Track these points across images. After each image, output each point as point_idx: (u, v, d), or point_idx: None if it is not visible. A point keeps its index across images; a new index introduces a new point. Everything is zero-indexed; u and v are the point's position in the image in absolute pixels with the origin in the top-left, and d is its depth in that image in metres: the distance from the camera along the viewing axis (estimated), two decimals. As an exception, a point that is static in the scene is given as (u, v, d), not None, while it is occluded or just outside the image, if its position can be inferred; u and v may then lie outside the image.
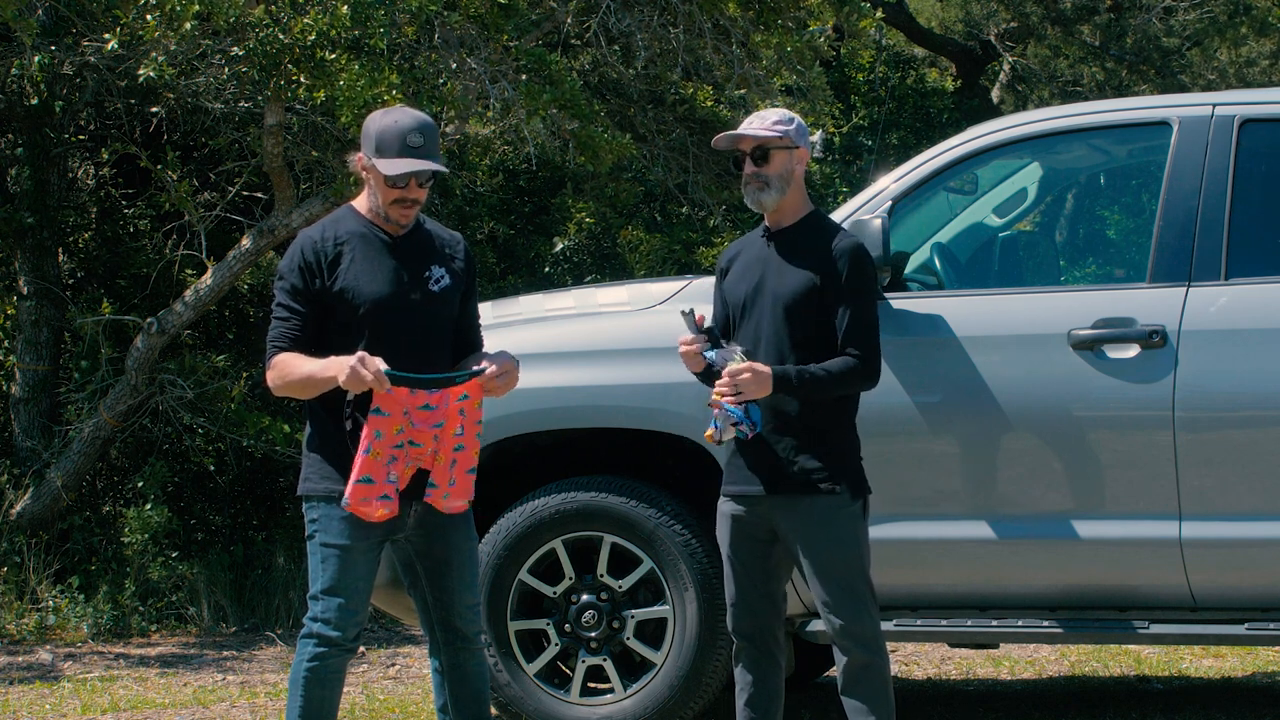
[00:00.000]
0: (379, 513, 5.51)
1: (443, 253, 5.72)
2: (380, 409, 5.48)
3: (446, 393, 5.55)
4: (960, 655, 9.57)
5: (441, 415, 5.55)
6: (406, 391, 5.51)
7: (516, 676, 7.06)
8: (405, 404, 5.50)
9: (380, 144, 5.53)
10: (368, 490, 5.50)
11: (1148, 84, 20.30)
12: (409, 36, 10.51)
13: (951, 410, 6.67)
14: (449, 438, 5.58)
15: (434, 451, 5.57)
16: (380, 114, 5.64)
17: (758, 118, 5.83)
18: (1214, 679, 8.75)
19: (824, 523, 5.72)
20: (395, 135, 5.52)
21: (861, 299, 5.75)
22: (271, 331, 5.64)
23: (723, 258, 6.02)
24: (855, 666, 5.77)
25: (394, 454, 5.51)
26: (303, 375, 5.52)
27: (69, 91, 11.71)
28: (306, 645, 5.59)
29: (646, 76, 12.23)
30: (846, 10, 11.94)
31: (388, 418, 5.49)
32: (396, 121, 5.54)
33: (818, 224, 5.87)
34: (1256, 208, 6.64)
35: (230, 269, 11.30)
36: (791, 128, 5.79)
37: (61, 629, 11.11)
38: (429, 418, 5.54)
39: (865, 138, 18.60)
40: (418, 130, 5.52)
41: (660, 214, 14.94)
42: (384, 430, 5.49)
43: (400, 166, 5.51)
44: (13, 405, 12.07)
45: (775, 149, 5.76)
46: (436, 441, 5.56)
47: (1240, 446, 6.48)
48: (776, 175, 5.77)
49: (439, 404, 5.54)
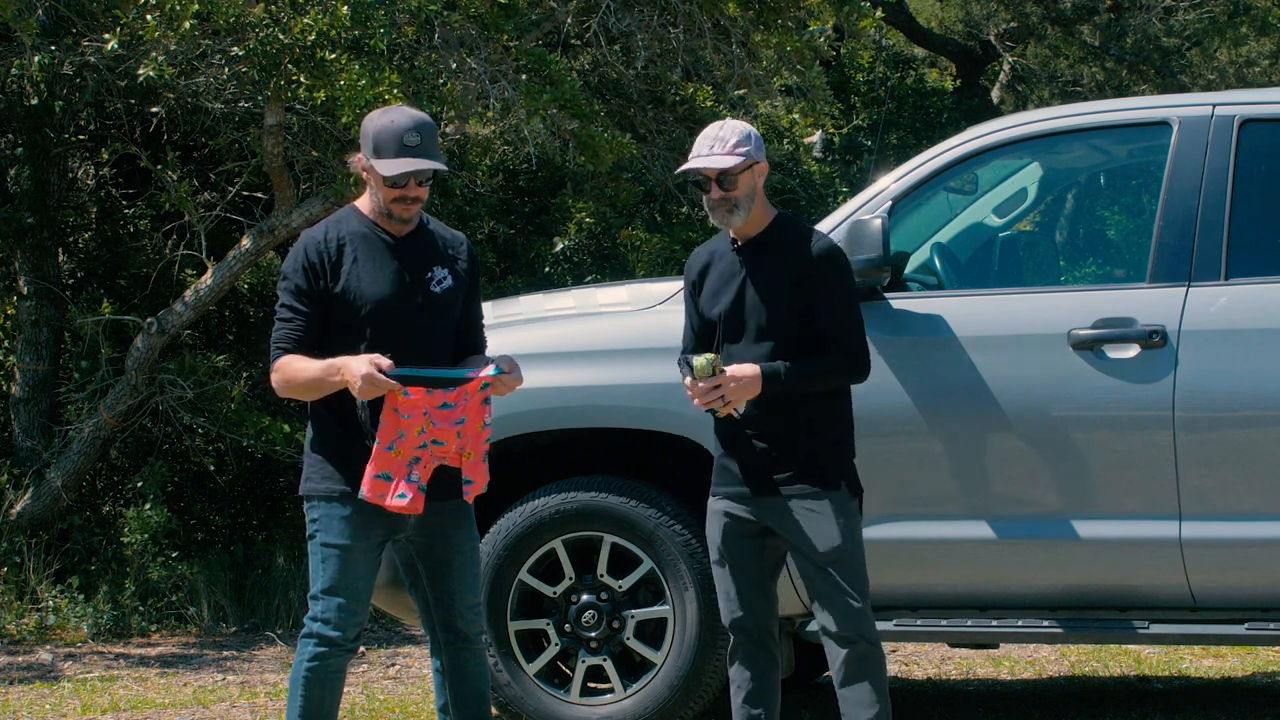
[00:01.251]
0: (395, 504, 5.49)
1: (445, 253, 5.71)
2: (399, 410, 5.47)
3: (465, 389, 5.54)
4: (960, 655, 9.57)
5: (462, 412, 5.54)
6: (423, 392, 5.50)
7: (516, 676, 7.06)
8: (424, 404, 5.49)
9: (378, 144, 5.53)
10: (384, 486, 5.49)
11: (1148, 84, 20.30)
12: (409, 36, 10.51)
13: (951, 410, 6.67)
14: (475, 432, 5.57)
15: (460, 449, 5.57)
16: (378, 114, 5.63)
17: (716, 139, 5.74)
18: (1214, 679, 8.75)
19: (822, 520, 5.72)
20: (392, 135, 5.51)
21: (846, 296, 5.76)
22: (275, 333, 5.63)
23: (691, 268, 5.96)
24: (853, 661, 5.76)
25: (417, 454, 5.50)
26: (308, 378, 5.51)
27: (69, 91, 11.70)
28: (307, 645, 5.59)
29: (646, 76, 12.23)
30: (846, 10, 11.94)
31: (409, 419, 5.48)
32: (393, 121, 5.53)
33: (787, 228, 5.84)
34: (1256, 208, 6.64)
35: (230, 269, 11.30)
36: (751, 146, 5.75)
37: (61, 629, 11.11)
38: (450, 415, 5.52)
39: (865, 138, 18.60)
40: (415, 129, 5.52)
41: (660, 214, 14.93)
42: (407, 431, 5.49)
43: (398, 167, 5.51)
44: (13, 405, 12.07)
45: (739, 174, 5.75)
46: (461, 439, 5.55)
47: (1240, 446, 6.48)
48: (743, 196, 5.76)
49: (457, 401, 5.53)
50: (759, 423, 5.75)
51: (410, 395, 5.46)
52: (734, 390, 5.64)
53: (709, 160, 5.74)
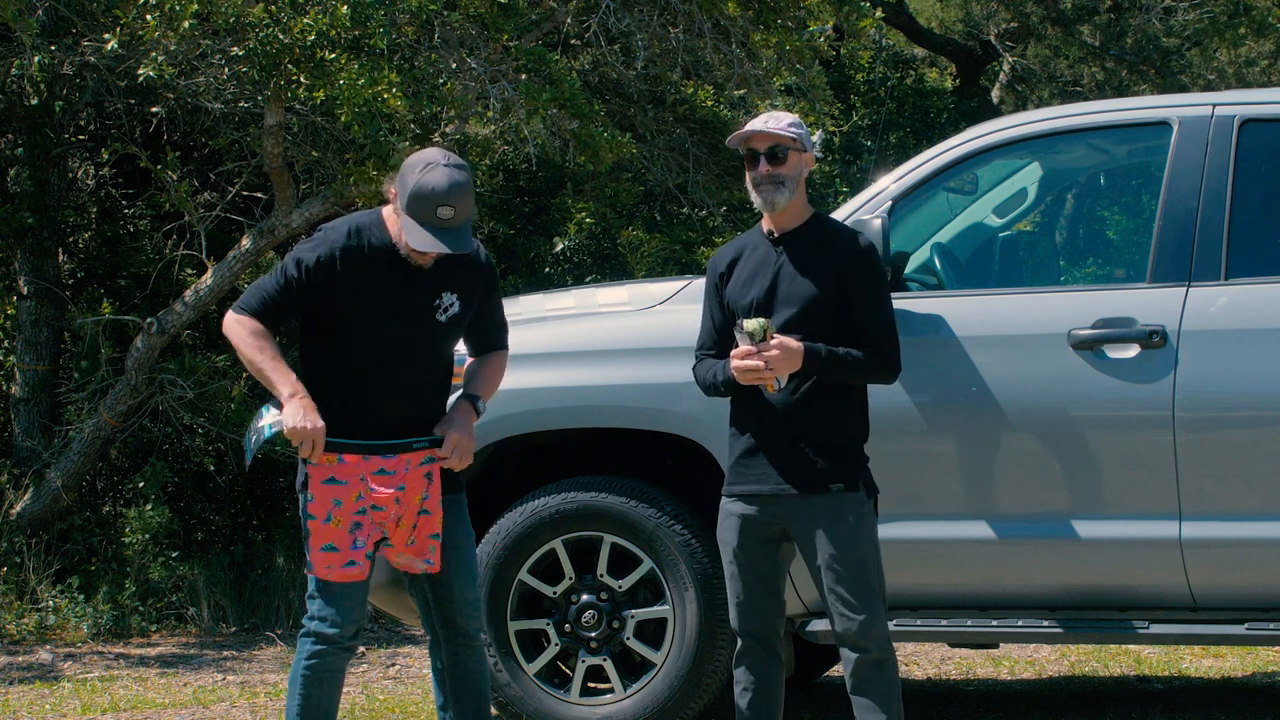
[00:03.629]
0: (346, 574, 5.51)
1: (459, 276, 5.66)
2: (335, 478, 5.48)
3: (404, 458, 5.54)
4: (960, 655, 9.57)
5: (401, 479, 5.53)
6: (360, 458, 5.51)
7: (516, 676, 7.06)
8: (360, 470, 5.50)
9: (412, 204, 5.43)
10: (332, 558, 5.52)
11: (1148, 84, 20.30)
12: (409, 36, 10.51)
13: (951, 410, 6.67)
14: (413, 502, 5.55)
15: (397, 517, 5.55)
16: (420, 163, 5.47)
17: (770, 118, 5.82)
18: (1214, 679, 8.75)
19: (839, 521, 5.72)
20: (428, 202, 5.40)
21: (884, 296, 5.81)
22: (263, 283, 5.59)
23: (717, 262, 5.97)
24: (867, 666, 5.77)
25: (357, 519, 5.50)
26: (256, 365, 5.53)
27: (69, 91, 11.70)
28: (306, 644, 5.60)
29: (646, 76, 12.22)
30: (846, 10, 11.93)
31: (344, 486, 5.49)
32: (433, 187, 5.39)
33: (825, 224, 5.90)
34: (1256, 208, 6.64)
35: (230, 269, 11.30)
36: (803, 132, 5.83)
37: (61, 629, 11.11)
38: (387, 481, 5.52)
39: (865, 138, 18.59)
40: (450, 201, 5.39)
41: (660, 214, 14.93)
42: (343, 499, 5.49)
43: (426, 244, 5.43)
44: (13, 405, 12.07)
45: (791, 150, 5.77)
46: (399, 505, 5.54)
47: (1240, 446, 6.48)
48: (791, 176, 5.79)
49: (396, 469, 5.53)
50: (774, 423, 5.75)
51: (345, 461, 5.47)
52: (778, 359, 5.63)
53: (764, 126, 5.77)
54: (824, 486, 5.72)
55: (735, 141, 5.87)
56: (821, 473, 5.72)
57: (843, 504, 5.73)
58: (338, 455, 5.48)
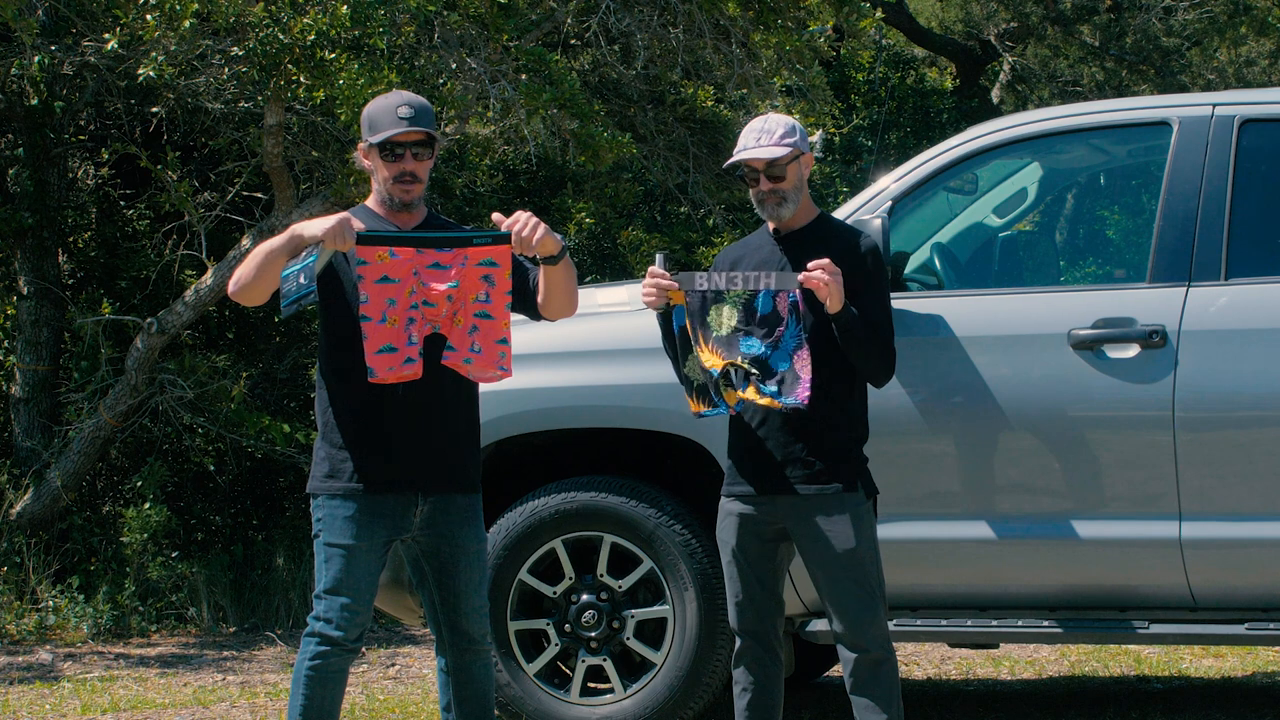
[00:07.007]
0: (408, 372, 5.41)
1: None
2: (388, 276, 5.41)
3: (461, 253, 5.47)
4: (960, 655, 9.57)
5: (455, 275, 5.45)
6: (413, 252, 5.46)
7: (516, 676, 7.06)
8: (414, 264, 5.43)
9: (373, 121, 5.60)
10: (391, 359, 5.41)
11: (1148, 84, 20.30)
12: (409, 36, 10.51)
13: (951, 410, 6.67)
14: (468, 302, 5.46)
15: (451, 313, 5.46)
16: (373, 100, 5.73)
17: (762, 132, 5.78)
18: (1214, 679, 8.75)
19: (838, 521, 5.72)
20: (386, 111, 5.59)
21: (886, 296, 5.82)
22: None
23: (721, 262, 5.99)
24: (866, 665, 5.77)
25: (411, 315, 5.42)
26: (260, 254, 5.47)
27: (69, 91, 11.71)
28: (309, 644, 5.59)
29: (646, 76, 12.23)
30: (846, 10, 11.93)
31: (397, 284, 5.41)
32: (387, 99, 5.64)
33: (831, 223, 5.91)
34: (1256, 208, 6.64)
35: (230, 269, 11.30)
36: (797, 137, 5.80)
37: (61, 629, 11.11)
38: (440, 277, 5.44)
39: (865, 138, 18.60)
40: (407, 104, 5.59)
41: (660, 214, 14.94)
42: (396, 297, 5.42)
43: (394, 127, 5.53)
44: (13, 405, 12.07)
45: (788, 163, 5.77)
46: (451, 303, 5.45)
47: (1240, 446, 6.48)
48: (791, 188, 5.79)
49: (451, 263, 5.45)
50: (774, 422, 5.75)
51: (398, 256, 5.41)
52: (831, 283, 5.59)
53: (757, 152, 5.75)
54: (820, 486, 5.72)
55: (732, 164, 5.87)
56: (821, 473, 5.73)
57: (842, 504, 5.73)
58: (389, 250, 5.42)
